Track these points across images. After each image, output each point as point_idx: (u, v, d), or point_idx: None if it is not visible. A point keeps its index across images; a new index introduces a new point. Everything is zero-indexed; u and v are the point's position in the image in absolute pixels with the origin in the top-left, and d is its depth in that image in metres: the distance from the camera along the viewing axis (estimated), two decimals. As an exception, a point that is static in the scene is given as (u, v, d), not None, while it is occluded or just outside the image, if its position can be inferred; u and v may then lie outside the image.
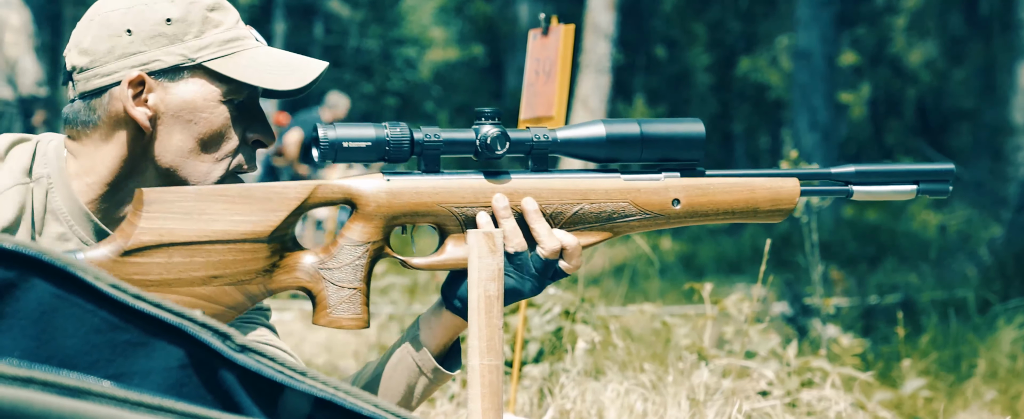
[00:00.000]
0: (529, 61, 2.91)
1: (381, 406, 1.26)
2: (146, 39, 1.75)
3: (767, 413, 2.65)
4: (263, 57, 1.80)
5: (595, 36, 14.07)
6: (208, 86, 1.78)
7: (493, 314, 1.67)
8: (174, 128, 1.78)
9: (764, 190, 1.79)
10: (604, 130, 1.74)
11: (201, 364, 1.21)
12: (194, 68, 1.77)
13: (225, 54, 1.78)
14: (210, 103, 1.78)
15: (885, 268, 8.78)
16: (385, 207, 1.71)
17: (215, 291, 1.66)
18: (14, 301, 1.11)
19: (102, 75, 1.76)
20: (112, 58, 1.76)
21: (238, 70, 1.77)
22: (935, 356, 4.49)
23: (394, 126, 1.70)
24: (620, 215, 1.76)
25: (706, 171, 1.79)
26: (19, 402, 0.99)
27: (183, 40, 1.76)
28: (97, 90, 1.78)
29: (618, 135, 1.74)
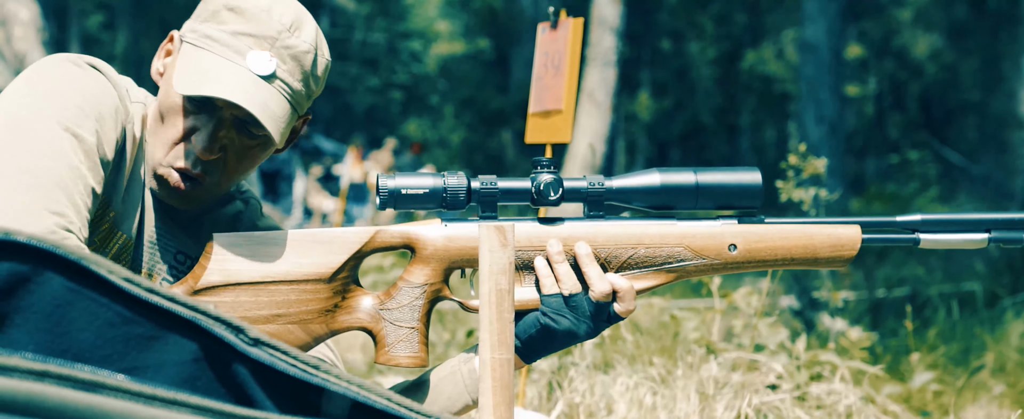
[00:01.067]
0: (538, 55, 2.90)
1: (394, 400, 1.26)
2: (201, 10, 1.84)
3: (776, 407, 2.64)
4: (209, 63, 1.77)
5: (601, 29, 14.04)
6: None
7: (504, 308, 1.67)
8: (163, 90, 1.84)
9: (824, 238, 1.78)
10: (659, 179, 1.75)
11: (214, 358, 1.21)
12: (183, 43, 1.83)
13: (196, 45, 1.80)
14: (170, 84, 1.82)
15: (892, 261, 8.76)
16: (442, 251, 1.76)
17: (280, 329, 1.74)
18: (28, 295, 1.12)
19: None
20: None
21: (183, 60, 1.79)
22: (943, 350, 4.48)
23: (452, 175, 1.73)
24: (676, 260, 1.78)
25: (765, 218, 1.78)
26: (34, 395, 0.99)
27: (195, 20, 1.83)
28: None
29: (673, 185, 1.74)
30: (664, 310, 3.74)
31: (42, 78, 1.70)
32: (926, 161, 15.06)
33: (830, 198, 3.89)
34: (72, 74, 1.72)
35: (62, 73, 1.72)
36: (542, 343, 1.79)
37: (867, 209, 12.50)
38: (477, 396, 1.83)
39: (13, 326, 1.12)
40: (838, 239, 1.78)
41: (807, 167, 3.80)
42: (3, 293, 1.10)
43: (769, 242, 1.77)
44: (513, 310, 1.68)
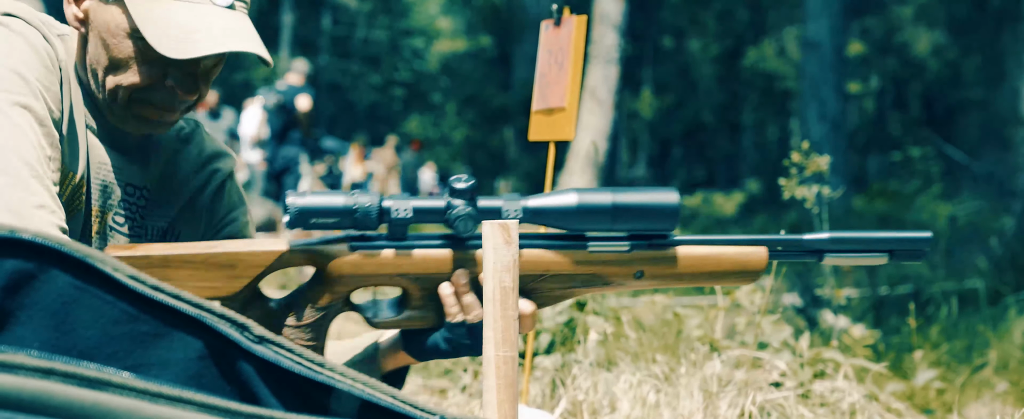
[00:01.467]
0: (541, 52, 2.90)
1: (399, 398, 1.25)
2: None
3: (780, 404, 2.64)
4: (179, 16, 1.77)
5: (604, 27, 14.03)
6: (120, 18, 1.79)
7: (508, 305, 1.67)
8: (95, 40, 1.82)
9: (731, 260, 1.77)
10: (576, 200, 1.72)
11: (219, 355, 1.21)
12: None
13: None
14: (119, 34, 1.80)
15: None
16: (348, 275, 1.73)
17: None
18: (33, 292, 1.11)
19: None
20: None
21: (143, 15, 1.76)
22: (946, 347, 4.48)
23: (364, 194, 1.70)
24: (582, 284, 1.77)
25: (676, 238, 1.76)
26: (40, 393, 0.99)
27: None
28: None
29: (589, 205, 1.72)
30: (667, 308, 3.74)
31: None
32: (928, 158, 15.05)
33: (833, 196, 3.89)
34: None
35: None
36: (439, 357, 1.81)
37: (870, 207, 12.49)
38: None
39: (18, 324, 1.12)
40: (745, 263, 1.77)
41: (810, 165, 3.80)
42: (8, 290, 1.10)
43: (677, 266, 1.76)
44: (517, 307, 1.68)
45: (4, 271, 1.10)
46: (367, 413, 1.25)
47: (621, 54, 14.44)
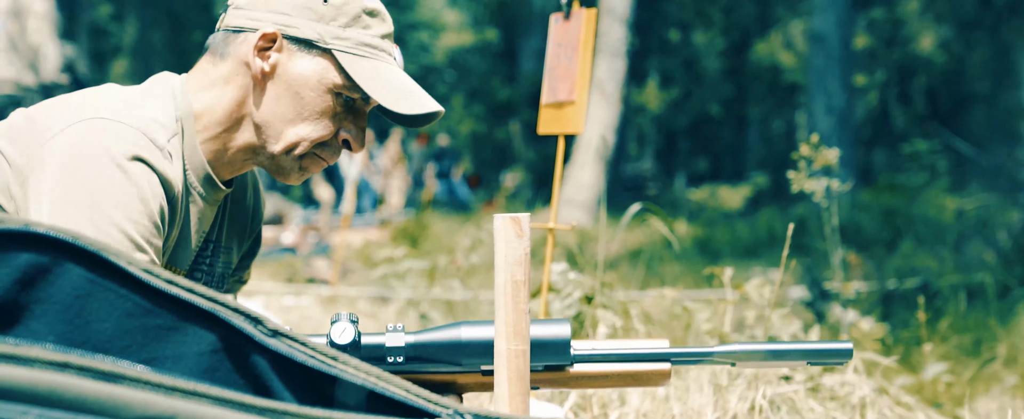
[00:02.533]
0: (550, 46, 2.90)
1: (412, 391, 1.25)
2: (298, 7, 1.87)
3: (790, 398, 2.64)
4: (389, 74, 1.89)
5: (610, 20, 14.03)
6: (327, 72, 1.87)
7: (520, 299, 1.66)
8: (281, 93, 1.88)
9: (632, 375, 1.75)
10: (459, 335, 1.71)
11: (233, 349, 1.21)
12: (324, 51, 1.87)
13: (357, 54, 1.87)
14: (322, 87, 1.88)
15: (902, 252, 8.74)
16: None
17: None
18: (48, 286, 1.12)
19: (249, 17, 1.88)
20: (264, 9, 1.88)
21: (360, 72, 1.86)
22: (955, 341, 4.47)
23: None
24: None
25: (575, 354, 1.72)
26: (55, 386, 0.99)
27: (328, 23, 1.87)
28: (238, 28, 1.89)
29: (474, 341, 1.70)
30: (676, 301, 3.74)
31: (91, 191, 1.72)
32: (935, 152, 15.03)
33: (842, 189, 3.88)
34: (115, 179, 1.74)
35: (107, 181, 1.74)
36: None
37: (877, 200, 12.47)
38: None
39: (33, 317, 1.12)
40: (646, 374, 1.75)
41: (819, 158, 3.79)
42: (23, 284, 1.10)
43: (573, 383, 1.74)
44: (528, 300, 1.68)
45: (19, 265, 1.10)
46: (380, 406, 1.25)
47: (628, 47, 14.44)
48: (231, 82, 1.91)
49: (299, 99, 1.88)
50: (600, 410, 2.65)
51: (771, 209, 14.04)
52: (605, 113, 13.76)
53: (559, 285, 3.38)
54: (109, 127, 1.78)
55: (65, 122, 1.79)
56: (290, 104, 1.88)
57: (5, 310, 1.10)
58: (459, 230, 10.77)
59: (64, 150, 1.76)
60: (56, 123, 1.79)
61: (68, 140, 1.76)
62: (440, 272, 6.29)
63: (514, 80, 30.17)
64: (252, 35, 1.89)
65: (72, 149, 1.75)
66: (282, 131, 1.90)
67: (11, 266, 1.10)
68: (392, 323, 1.71)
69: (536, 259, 6.14)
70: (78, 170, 1.74)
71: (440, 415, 1.23)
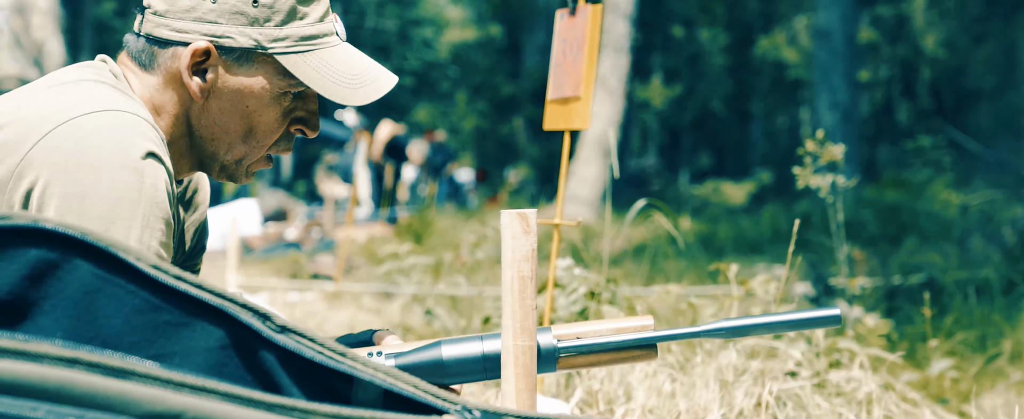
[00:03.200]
0: (556, 41, 2.89)
1: (420, 387, 1.25)
2: (227, 13, 1.72)
3: (796, 394, 2.64)
4: (337, 61, 1.78)
5: (614, 16, 14.01)
6: (271, 78, 1.76)
7: (527, 294, 1.66)
8: (225, 107, 1.77)
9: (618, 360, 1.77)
10: (442, 353, 1.71)
11: (241, 345, 1.21)
12: (263, 56, 1.75)
13: (300, 51, 1.75)
14: (267, 95, 1.77)
15: (907, 248, 8.73)
16: None
17: None
18: (57, 282, 1.11)
19: (173, 29, 1.73)
20: (188, 18, 1.73)
21: (306, 71, 1.75)
22: (960, 337, 4.46)
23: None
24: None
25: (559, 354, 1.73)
26: (65, 382, 0.99)
27: (263, 25, 1.73)
28: (163, 40, 1.75)
29: (453, 360, 1.69)
30: (681, 297, 3.73)
31: (108, 198, 1.60)
32: (940, 147, 15.01)
33: (848, 185, 3.88)
34: (131, 184, 1.61)
35: (122, 186, 1.60)
36: None
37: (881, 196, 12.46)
38: None
39: (42, 313, 1.12)
40: (633, 358, 1.76)
41: (825, 154, 3.79)
42: (32, 280, 1.10)
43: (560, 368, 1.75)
44: (536, 296, 1.68)
45: (27, 261, 1.10)
46: (389, 402, 1.25)
47: (631, 43, 14.42)
48: (166, 94, 1.78)
49: (246, 112, 1.77)
50: (606, 405, 2.65)
51: (775, 205, 14.04)
52: (609, 109, 13.75)
53: (564, 281, 3.38)
54: (115, 120, 1.64)
55: (53, 120, 1.63)
56: (237, 118, 1.78)
57: (14, 306, 1.10)
58: (464, 226, 10.78)
59: (62, 151, 1.60)
60: (41, 122, 1.63)
61: (68, 140, 1.61)
62: (445, 268, 6.29)
63: (517, 76, 30.17)
64: (181, 50, 1.73)
65: (75, 151, 1.60)
66: (232, 144, 1.80)
67: (20, 262, 1.10)
68: (373, 349, 1.69)
69: (541, 255, 6.14)
70: (86, 175, 1.59)
71: (448, 411, 1.23)
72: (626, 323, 1.77)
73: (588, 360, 1.76)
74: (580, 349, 1.74)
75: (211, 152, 1.82)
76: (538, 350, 1.74)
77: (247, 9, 1.72)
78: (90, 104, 1.65)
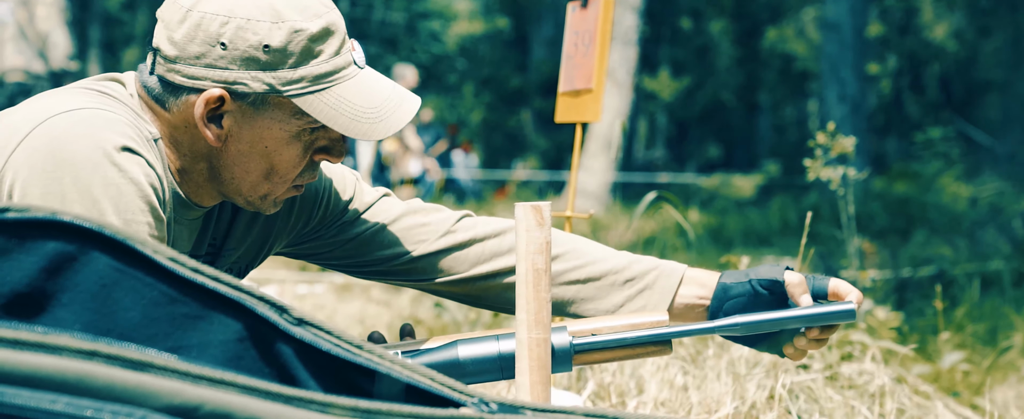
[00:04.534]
0: (568, 34, 2.89)
1: (437, 379, 1.25)
2: (239, 59, 1.68)
3: (808, 386, 2.63)
4: (354, 95, 1.74)
5: (622, 8, 13.99)
6: (288, 119, 1.73)
7: (541, 287, 1.66)
8: (244, 151, 1.75)
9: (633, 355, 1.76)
10: (459, 353, 1.69)
11: (259, 337, 1.20)
12: (278, 98, 1.72)
13: (315, 90, 1.71)
14: (286, 135, 1.74)
15: (916, 241, 8.71)
16: None
17: None
18: (74, 274, 1.11)
19: (184, 75, 1.70)
20: (199, 64, 1.69)
21: (323, 110, 1.71)
22: (971, 329, 4.46)
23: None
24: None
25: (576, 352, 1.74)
26: (84, 374, 0.99)
27: (276, 69, 1.69)
28: (175, 86, 1.72)
29: (470, 360, 1.70)
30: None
31: (88, 195, 1.59)
32: (949, 139, 14.98)
33: (858, 177, 3.87)
34: (110, 178, 1.60)
35: (100, 181, 1.60)
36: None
37: (890, 189, 12.43)
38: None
39: (60, 305, 1.12)
40: (648, 353, 1.76)
41: (835, 146, 3.78)
42: (50, 272, 1.10)
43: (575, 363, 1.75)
44: (550, 289, 1.67)
45: (45, 253, 1.10)
46: (405, 395, 1.25)
47: (640, 36, 14.41)
48: (183, 134, 1.76)
49: (265, 152, 1.74)
50: (618, 399, 2.64)
51: (783, 197, 14.02)
52: (617, 101, 13.74)
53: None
54: (90, 117, 1.63)
55: (31, 122, 1.62)
56: (257, 159, 1.75)
57: (32, 298, 1.10)
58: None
59: (40, 151, 1.59)
60: (21, 126, 1.63)
61: (43, 140, 1.60)
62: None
63: (525, 69, 30.15)
64: (194, 98, 1.70)
65: (51, 149, 1.59)
66: (255, 183, 1.78)
67: (38, 254, 1.10)
68: (389, 349, 1.69)
69: (550, 247, 6.12)
70: (64, 173, 1.59)
71: (465, 404, 1.23)
72: (640, 319, 1.77)
73: (603, 356, 1.76)
74: (595, 345, 1.74)
75: (234, 189, 1.80)
76: (553, 350, 1.74)
77: (259, 55, 1.68)
78: (65, 105, 1.64)
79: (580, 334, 1.77)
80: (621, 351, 1.77)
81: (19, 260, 1.09)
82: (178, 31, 1.70)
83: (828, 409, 2.53)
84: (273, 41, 1.68)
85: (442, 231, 2.01)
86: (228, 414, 1.06)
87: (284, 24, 1.69)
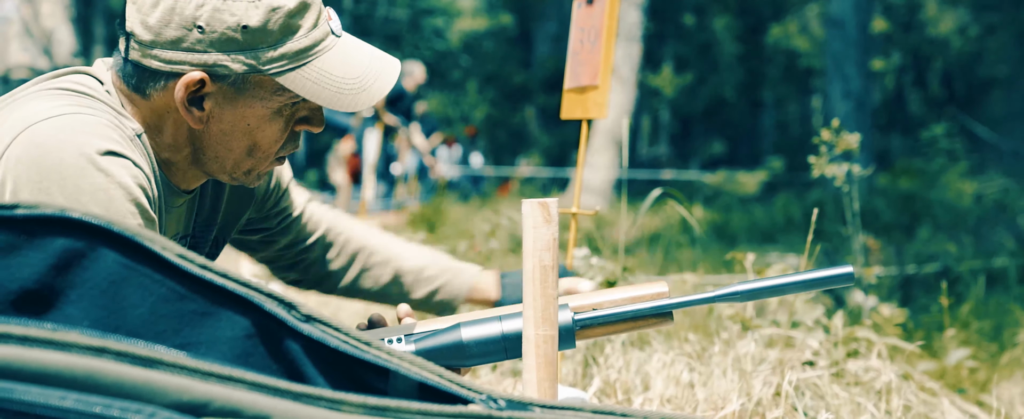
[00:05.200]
0: (573, 30, 2.88)
1: (445, 376, 1.25)
2: (217, 41, 1.67)
3: (814, 383, 2.63)
4: (334, 67, 1.73)
5: (626, 4, 13.98)
6: (269, 96, 1.73)
7: (548, 284, 1.66)
8: (226, 130, 1.75)
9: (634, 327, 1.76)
10: (462, 335, 1.69)
11: (267, 334, 1.21)
12: (259, 76, 1.71)
13: (296, 66, 1.71)
14: (267, 112, 1.74)
15: (921, 237, 8.70)
16: None
17: None
18: (83, 271, 1.11)
19: (162, 60, 1.69)
20: (177, 49, 1.68)
21: (305, 85, 1.71)
22: (976, 326, 4.45)
23: None
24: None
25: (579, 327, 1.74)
26: (93, 371, 0.99)
27: (255, 49, 1.68)
28: (153, 71, 1.71)
29: (473, 341, 1.70)
30: (697, 286, 3.73)
31: (78, 202, 1.58)
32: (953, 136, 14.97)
33: (863, 174, 3.86)
34: (97, 184, 1.60)
35: (88, 187, 1.59)
36: None
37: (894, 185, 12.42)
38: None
39: (68, 302, 1.12)
40: (649, 324, 1.76)
41: (840, 143, 3.77)
42: (58, 269, 1.10)
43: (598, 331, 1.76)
44: (557, 286, 1.67)
45: (54, 250, 1.10)
46: (413, 391, 1.25)
47: (643, 32, 14.39)
48: (161, 119, 1.75)
49: (247, 130, 1.74)
50: (624, 395, 2.64)
51: (787, 194, 14.00)
52: (620, 97, 13.73)
53: (580, 270, 3.38)
54: (72, 123, 1.61)
55: (12, 131, 1.61)
56: (239, 136, 1.75)
57: (40, 295, 1.10)
58: (476, 215, 10.77)
59: (24, 161, 1.58)
60: (2, 136, 1.61)
61: (27, 149, 1.58)
62: (459, 257, 6.29)
63: (528, 65, 30.14)
64: (174, 83, 1.70)
65: (36, 158, 1.58)
66: (238, 160, 1.79)
67: (46, 251, 1.10)
68: (391, 336, 1.69)
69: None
70: (51, 182, 1.57)
71: (474, 401, 1.23)
72: (641, 291, 1.77)
73: (605, 330, 1.76)
74: (597, 320, 1.74)
75: (218, 168, 1.80)
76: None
77: (237, 36, 1.67)
78: (46, 112, 1.63)
79: (581, 309, 1.77)
80: (623, 325, 1.76)
81: (28, 257, 1.09)
82: (152, 15, 1.68)
83: (834, 406, 2.53)
84: (251, 21, 1.67)
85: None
86: (237, 411, 1.06)
87: (261, 3, 1.68)
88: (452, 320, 1.76)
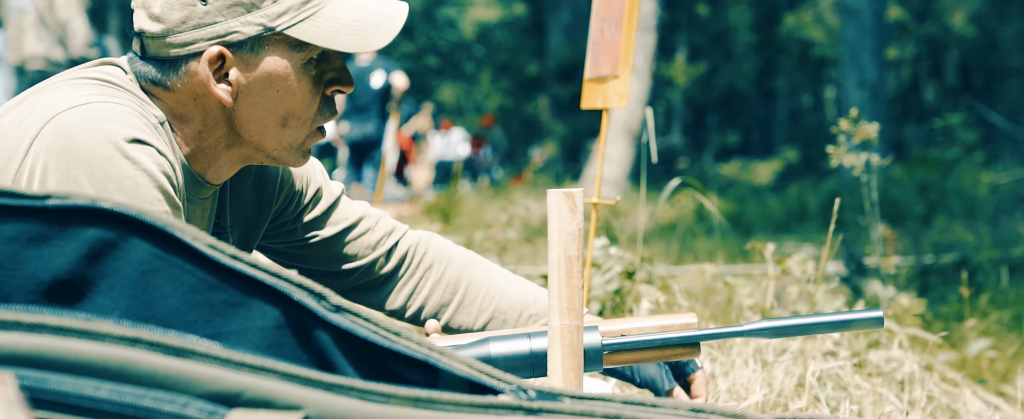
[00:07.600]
0: (594, 20, 2.87)
1: (475, 367, 1.25)
2: (222, 8, 1.68)
3: (836, 374, 2.62)
4: (343, 10, 1.74)
5: (640, -6, 13.96)
6: (289, 55, 1.73)
7: (573, 274, 1.65)
8: (256, 101, 1.75)
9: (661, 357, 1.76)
10: (491, 350, 1.69)
11: (297, 324, 1.20)
12: (274, 36, 1.72)
13: (304, 17, 1.71)
14: (292, 71, 1.74)
15: (938, 227, 8.67)
16: None
17: None
18: (114, 261, 1.11)
19: (177, 45, 1.70)
20: (187, 28, 1.69)
21: (319, 34, 1.71)
22: (995, 316, 4.43)
23: None
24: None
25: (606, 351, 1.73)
26: (127, 361, 0.99)
27: (261, 8, 1.70)
28: (172, 59, 1.72)
29: (501, 357, 1.70)
30: (717, 276, 3.72)
31: (106, 190, 1.60)
32: (968, 125, 14.90)
33: (882, 164, 3.85)
34: (124, 172, 1.62)
35: (116, 175, 1.61)
36: None
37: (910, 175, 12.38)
38: None
39: (100, 292, 1.12)
40: (676, 355, 1.75)
41: (858, 132, 3.76)
42: (90, 259, 1.10)
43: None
44: (582, 277, 1.67)
45: (85, 240, 1.10)
46: (444, 382, 1.25)
47: (657, 21, 14.35)
48: (191, 107, 1.77)
49: (277, 97, 1.75)
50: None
51: (801, 183, 13.97)
52: (636, 88, 13.71)
53: (599, 260, 3.37)
54: (98, 111, 1.63)
55: (40, 120, 1.63)
56: (271, 106, 1.75)
57: (73, 285, 1.11)
58: (491, 205, 10.77)
59: (52, 150, 1.60)
60: (30, 125, 1.63)
61: (54, 138, 1.61)
62: (475, 247, 6.28)
63: (542, 55, 30.10)
64: (195, 65, 1.71)
65: (64, 147, 1.60)
66: (278, 133, 1.78)
67: (78, 241, 1.10)
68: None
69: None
70: (78, 170, 1.60)
71: (503, 391, 1.23)
72: (670, 320, 1.77)
73: (632, 357, 1.77)
74: (625, 346, 1.74)
75: (257, 146, 1.80)
76: (584, 349, 1.74)
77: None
78: (72, 100, 1.64)
79: (610, 334, 1.77)
80: (651, 352, 1.77)
81: (60, 246, 1.09)
82: (156, 5, 1.70)
83: (856, 396, 2.52)
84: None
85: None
86: (269, 401, 1.06)
87: None
88: (480, 336, 1.76)
